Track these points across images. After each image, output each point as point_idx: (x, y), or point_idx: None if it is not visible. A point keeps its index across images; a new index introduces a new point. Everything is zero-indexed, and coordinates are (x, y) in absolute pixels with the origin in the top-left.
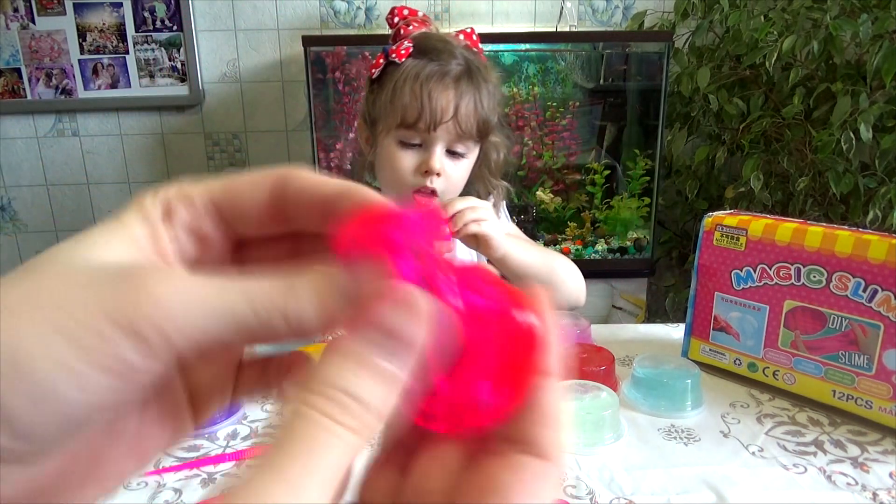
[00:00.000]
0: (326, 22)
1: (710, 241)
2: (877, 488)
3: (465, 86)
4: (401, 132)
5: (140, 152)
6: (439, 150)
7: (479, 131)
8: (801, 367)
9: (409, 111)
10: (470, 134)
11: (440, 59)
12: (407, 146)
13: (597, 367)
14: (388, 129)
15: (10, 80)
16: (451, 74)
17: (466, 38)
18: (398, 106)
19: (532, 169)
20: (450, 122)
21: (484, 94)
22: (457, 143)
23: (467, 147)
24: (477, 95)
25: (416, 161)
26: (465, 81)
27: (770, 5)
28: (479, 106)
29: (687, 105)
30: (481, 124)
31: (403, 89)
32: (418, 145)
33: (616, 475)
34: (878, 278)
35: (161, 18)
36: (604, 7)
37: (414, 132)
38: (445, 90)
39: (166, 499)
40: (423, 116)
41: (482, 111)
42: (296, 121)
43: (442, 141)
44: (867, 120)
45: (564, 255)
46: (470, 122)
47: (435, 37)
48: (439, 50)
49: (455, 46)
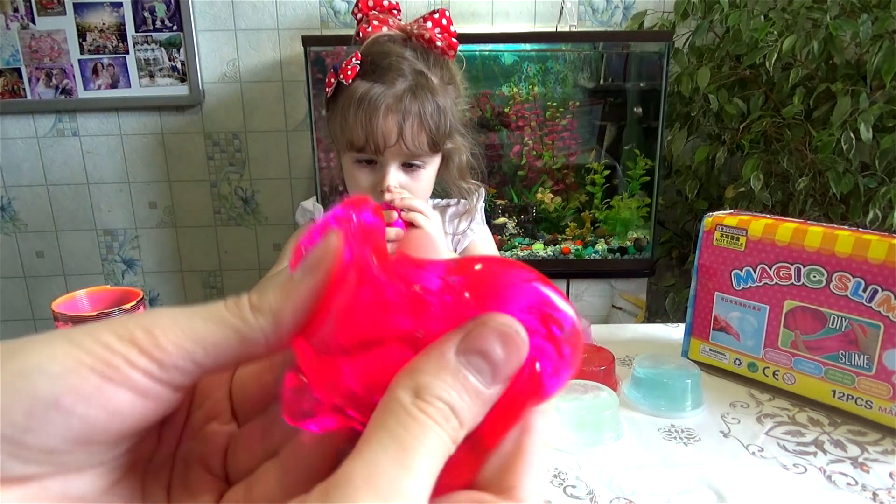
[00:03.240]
0: (326, 22)
1: (710, 241)
2: (877, 488)
3: (409, 104)
4: (353, 153)
5: (140, 152)
6: (392, 169)
7: (430, 145)
8: (801, 367)
9: (355, 137)
10: (420, 151)
11: (385, 79)
12: (363, 164)
13: (597, 367)
14: (343, 150)
15: (10, 80)
16: (395, 95)
17: (435, 25)
18: (346, 131)
19: (532, 169)
20: (395, 145)
21: (430, 108)
22: (411, 157)
23: (423, 160)
24: (423, 114)
25: (373, 179)
26: (410, 100)
27: (770, 5)
28: (427, 122)
29: (687, 105)
30: (430, 142)
31: (348, 115)
32: (374, 162)
33: (616, 475)
34: (878, 278)
35: (161, 18)
36: (604, 7)
37: (366, 154)
38: (388, 114)
39: None
40: (368, 142)
41: (429, 128)
42: (296, 121)
43: (394, 159)
44: (867, 120)
45: (564, 255)
46: (417, 141)
47: (385, 50)
48: (385, 67)
49: (404, 59)
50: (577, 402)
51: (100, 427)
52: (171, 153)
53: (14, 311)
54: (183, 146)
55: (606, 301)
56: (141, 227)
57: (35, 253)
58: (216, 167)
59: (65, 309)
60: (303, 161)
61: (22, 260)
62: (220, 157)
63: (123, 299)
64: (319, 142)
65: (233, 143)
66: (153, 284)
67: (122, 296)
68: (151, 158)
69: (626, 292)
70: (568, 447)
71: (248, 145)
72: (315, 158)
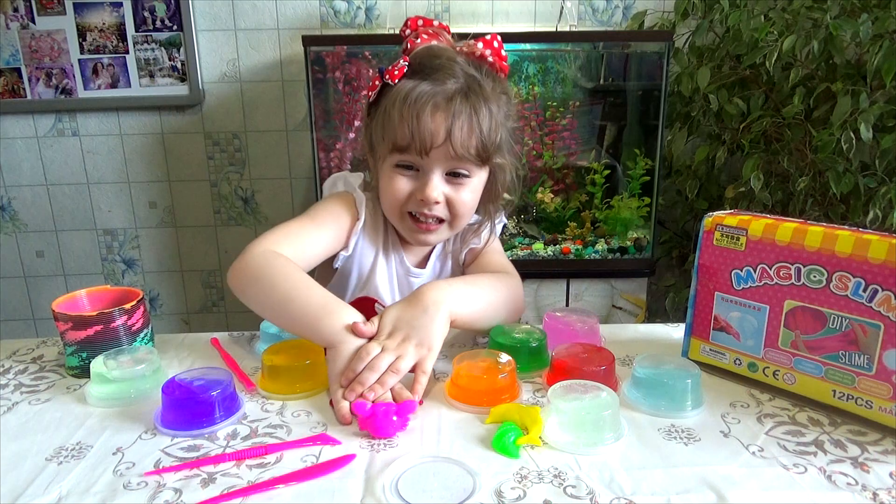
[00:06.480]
0: (326, 22)
1: (711, 240)
2: (877, 488)
3: (459, 106)
4: (395, 156)
5: (140, 152)
6: (436, 177)
7: (479, 155)
8: (801, 367)
9: (400, 135)
10: (467, 157)
11: (435, 78)
12: (404, 170)
13: (597, 367)
14: (384, 155)
15: (10, 80)
16: (445, 94)
17: (486, 47)
18: (389, 130)
19: (532, 169)
20: (443, 146)
21: (482, 114)
22: (457, 165)
23: (469, 169)
24: (474, 117)
25: (413, 187)
26: (460, 101)
27: (770, 5)
28: (477, 128)
29: (687, 105)
30: (480, 147)
31: (393, 112)
32: (416, 169)
33: (616, 475)
34: (878, 278)
35: (161, 18)
36: (604, 7)
37: (409, 156)
38: (436, 112)
39: (166, 499)
40: (413, 141)
41: (480, 133)
42: (296, 121)
43: (439, 166)
44: (867, 120)
45: (564, 255)
46: (466, 146)
47: (435, 52)
48: (435, 68)
49: (456, 62)
50: (577, 402)
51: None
52: (171, 153)
53: (14, 311)
54: (183, 146)
55: (606, 301)
56: (141, 226)
57: (35, 253)
58: (216, 167)
59: (65, 309)
60: (303, 161)
61: (22, 260)
62: (220, 157)
63: (123, 299)
64: (320, 142)
65: (233, 142)
66: (153, 284)
67: (122, 295)
68: (151, 158)
69: (626, 292)
70: (568, 447)
71: (248, 145)
72: (315, 158)
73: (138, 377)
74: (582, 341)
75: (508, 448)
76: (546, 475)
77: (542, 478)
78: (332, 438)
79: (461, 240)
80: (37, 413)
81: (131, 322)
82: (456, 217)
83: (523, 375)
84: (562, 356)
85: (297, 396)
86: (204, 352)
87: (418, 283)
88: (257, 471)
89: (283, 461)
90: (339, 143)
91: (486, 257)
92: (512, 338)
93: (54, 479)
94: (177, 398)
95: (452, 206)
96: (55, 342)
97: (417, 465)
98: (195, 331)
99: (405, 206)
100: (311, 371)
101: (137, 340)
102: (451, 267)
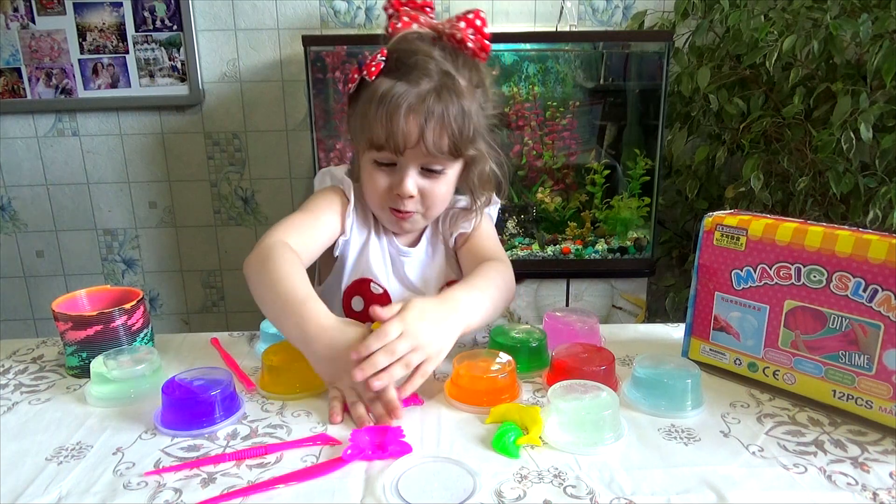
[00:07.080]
0: (326, 22)
1: (711, 240)
2: (877, 488)
3: (432, 105)
4: (373, 153)
5: (140, 152)
6: (411, 173)
7: (451, 152)
8: (801, 367)
9: (376, 135)
10: (441, 155)
11: (409, 79)
12: (381, 165)
13: (597, 367)
14: (363, 149)
15: (10, 80)
16: (419, 95)
17: (469, 26)
18: (366, 127)
19: (532, 169)
20: (416, 146)
21: (454, 111)
22: (432, 161)
23: (443, 164)
24: (447, 116)
25: (390, 181)
26: (433, 101)
27: (770, 5)
28: (449, 127)
29: (687, 105)
30: (452, 146)
31: (369, 111)
32: (393, 164)
33: (616, 475)
34: (878, 278)
35: (161, 18)
36: (604, 7)
37: (385, 154)
38: (409, 114)
39: (166, 499)
40: (388, 142)
41: (452, 132)
42: (296, 120)
43: (413, 162)
44: (867, 120)
45: (564, 255)
46: (438, 145)
47: (412, 47)
48: (411, 66)
49: (431, 59)
50: (577, 402)
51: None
52: (171, 153)
53: (14, 311)
54: (183, 146)
55: (606, 301)
56: (141, 226)
57: (35, 253)
58: (216, 167)
59: (65, 309)
60: (303, 161)
61: (22, 260)
62: (220, 157)
63: (123, 299)
64: (320, 142)
65: (233, 142)
66: (153, 284)
67: (122, 295)
68: (151, 158)
69: (626, 292)
70: (568, 447)
71: (248, 145)
72: (315, 158)
73: (138, 377)
74: (582, 341)
75: (508, 448)
76: (546, 475)
77: (542, 478)
78: (332, 438)
79: (451, 223)
80: (37, 413)
81: (131, 322)
82: (429, 208)
83: (523, 375)
84: (562, 356)
85: (297, 396)
86: (204, 352)
87: (409, 263)
88: (257, 471)
89: (282, 461)
90: (339, 143)
91: (480, 242)
92: (512, 338)
93: (54, 479)
94: (177, 398)
95: (426, 198)
96: (55, 342)
97: (417, 465)
98: (195, 331)
99: (385, 201)
100: (311, 371)
101: (137, 340)
102: (443, 250)
